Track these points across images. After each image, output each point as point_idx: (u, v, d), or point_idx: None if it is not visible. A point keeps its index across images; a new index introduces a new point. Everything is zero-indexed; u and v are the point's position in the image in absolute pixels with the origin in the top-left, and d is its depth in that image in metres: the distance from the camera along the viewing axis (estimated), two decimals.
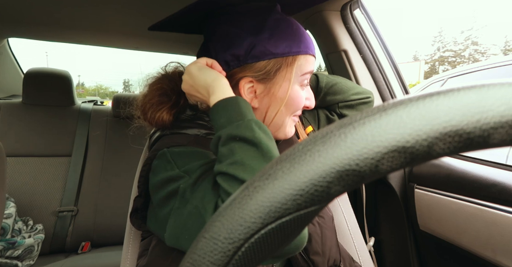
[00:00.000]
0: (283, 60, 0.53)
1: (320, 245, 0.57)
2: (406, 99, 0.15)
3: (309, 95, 0.60)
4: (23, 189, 1.31)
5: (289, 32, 0.54)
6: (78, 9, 1.09)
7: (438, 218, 0.85)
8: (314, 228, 0.58)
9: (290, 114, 0.58)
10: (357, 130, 0.15)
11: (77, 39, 1.54)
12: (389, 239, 1.05)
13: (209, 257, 0.16)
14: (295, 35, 0.54)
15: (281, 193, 0.15)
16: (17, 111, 1.41)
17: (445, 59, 35.66)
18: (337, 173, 0.15)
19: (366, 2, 0.97)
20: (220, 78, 0.49)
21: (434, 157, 0.15)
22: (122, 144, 1.53)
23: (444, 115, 0.14)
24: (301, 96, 0.57)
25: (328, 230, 0.60)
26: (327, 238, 0.59)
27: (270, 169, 0.16)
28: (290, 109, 0.57)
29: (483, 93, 0.14)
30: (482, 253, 0.73)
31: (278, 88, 0.54)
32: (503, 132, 0.14)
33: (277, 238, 0.16)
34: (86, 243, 1.35)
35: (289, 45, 0.53)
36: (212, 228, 0.16)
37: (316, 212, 0.16)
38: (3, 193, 0.76)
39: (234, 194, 0.17)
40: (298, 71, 0.55)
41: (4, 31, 1.44)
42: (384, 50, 1.03)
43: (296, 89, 0.56)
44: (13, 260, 1.09)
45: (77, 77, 61.33)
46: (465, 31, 34.63)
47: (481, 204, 0.73)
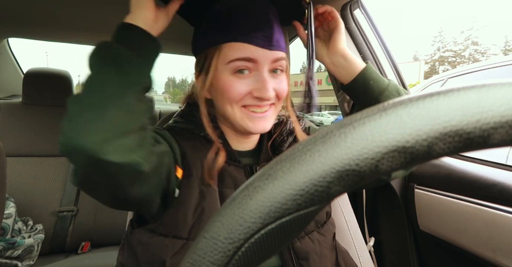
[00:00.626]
0: (209, 51, 0.55)
1: (318, 264, 0.56)
2: (406, 99, 0.15)
3: (259, 85, 0.53)
4: (23, 189, 1.31)
5: (221, 22, 0.54)
6: (78, 9, 1.09)
7: (438, 218, 0.85)
8: (313, 246, 0.57)
9: (234, 105, 0.55)
10: (357, 130, 0.15)
11: (77, 39, 1.54)
12: (389, 239, 1.05)
13: (209, 257, 0.16)
14: (224, 24, 0.54)
15: (281, 193, 0.15)
16: (17, 111, 1.41)
17: (445, 59, 35.67)
18: (337, 173, 0.15)
19: (366, 2, 0.97)
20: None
21: (434, 157, 0.15)
22: None
23: (444, 115, 0.14)
24: (233, 85, 0.53)
25: (328, 249, 0.59)
26: (326, 258, 0.58)
27: (270, 169, 0.16)
28: (228, 99, 0.54)
29: (483, 93, 0.14)
30: (482, 253, 0.73)
31: (213, 79, 0.55)
32: (503, 132, 0.14)
33: (277, 238, 0.16)
34: (86, 243, 1.35)
35: (214, 36, 0.54)
36: (212, 228, 0.16)
37: (316, 212, 0.16)
38: (3, 193, 0.76)
39: (234, 194, 0.17)
40: (223, 59, 0.53)
41: (4, 31, 1.44)
42: (384, 50, 1.02)
43: (226, 79, 0.54)
44: (13, 260, 1.09)
45: (77, 77, 61.48)
46: (465, 31, 34.64)
47: (481, 204, 0.73)
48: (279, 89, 0.56)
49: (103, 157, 0.37)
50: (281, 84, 0.56)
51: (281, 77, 0.57)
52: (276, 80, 0.56)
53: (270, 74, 0.55)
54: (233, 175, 0.58)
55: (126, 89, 0.42)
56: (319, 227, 0.60)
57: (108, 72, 0.42)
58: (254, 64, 0.53)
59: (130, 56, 0.44)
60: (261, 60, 0.53)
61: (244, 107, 0.55)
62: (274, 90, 0.55)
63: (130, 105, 0.41)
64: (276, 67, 0.56)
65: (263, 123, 0.56)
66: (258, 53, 0.52)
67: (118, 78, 0.42)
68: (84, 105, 0.40)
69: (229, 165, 0.59)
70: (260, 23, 0.53)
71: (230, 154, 0.59)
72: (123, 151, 0.39)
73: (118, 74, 0.42)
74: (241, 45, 0.52)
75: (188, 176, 0.54)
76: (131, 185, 0.42)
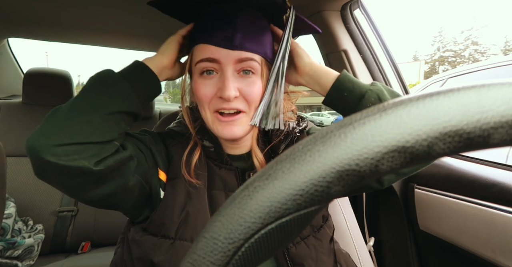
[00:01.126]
0: (189, 55, 0.58)
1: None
2: (406, 99, 0.15)
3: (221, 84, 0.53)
4: (23, 189, 1.31)
5: (195, 27, 0.57)
6: (78, 9, 1.09)
7: (438, 218, 0.85)
8: (309, 251, 0.56)
9: (206, 109, 0.56)
10: (357, 130, 0.15)
11: (77, 39, 1.54)
12: (389, 239, 1.05)
13: (209, 257, 0.16)
14: (195, 29, 0.57)
15: (281, 193, 0.15)
16: (17, 111, 1.41)
17: (445, 59, 35.66)
18: (337, 173, 0.15)
19: (366, 2, 0.97)
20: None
21: (434, 157, 0.15)
22: None
23: (444, 115, 0.14)
24: (200, 87, 0.54)
25: (325, 254, 0.58)
26: (323, 263, 0.57)
27: (270, 169, 0.16)
28: (200, 102, 0.56)
29: (483, 93, 0.14)
30: (482, 252, 0.73)
31: (191, 83, 0.58)
32: (503, 132, 0.14)
33: (277, 238, 0.16)
34: (86, 243, 1.35)
35: (190, 41, 0.58)
36: (212, 228, 0.16)
37: (316, 212, 0.16)
38: (3, 193, 0.76)
39: (234, 194, 0.17)
40: (194, 62, 0.55)
41: (4, 31, 1.44)
42: (384, 50, 1.03)
43: (196, 81, 0.55)
44: (13, 260, 1.09)
45: (77, 77, 61.52)
46: (465, 31, 34.63)
47: (481, 204, 0.73)
48: (247, 92, 0.54)
49: (46, 158, 0.41)
50: (250, 86, 0.54)
51: (251, 79, 0.55)
52: (244, 81, 0.54)
53: (237, 75, 0.54)
54: (223, 177, 0.59)
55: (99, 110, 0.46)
56: (315, 231, 0.59)
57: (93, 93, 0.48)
58: (218, 65, 0.53)
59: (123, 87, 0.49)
60: (223, 60, 0.53)
61: (215, 112, 0.55)
62: (240, 91, 0.53)
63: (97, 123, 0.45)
64: (245, 68, 0.54)
65: (232, 129, 0.55)
66: (220, 53, 0.52)
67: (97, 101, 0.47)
68: (56, 113, 0.46)
69: (220, 168, 0.60)
70: (222, 24, 0.54)
71: (221, 157, 0.60)
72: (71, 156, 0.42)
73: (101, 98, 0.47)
74: (204, 46, 0.54)
75: (174, 178, 0.56)
76: (87, 185, 0.46)
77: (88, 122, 0.45)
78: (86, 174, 0.43)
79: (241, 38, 0.53)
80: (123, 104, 0.49)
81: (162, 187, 0.56)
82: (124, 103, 0.49)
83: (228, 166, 0.60)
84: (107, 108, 0.47)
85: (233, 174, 0.60)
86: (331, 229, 0.64)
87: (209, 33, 0.54)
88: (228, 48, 0.52)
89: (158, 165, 0.56)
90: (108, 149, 0.46)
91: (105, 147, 0.46)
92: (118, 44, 1.68)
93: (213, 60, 0.53)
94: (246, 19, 0.55)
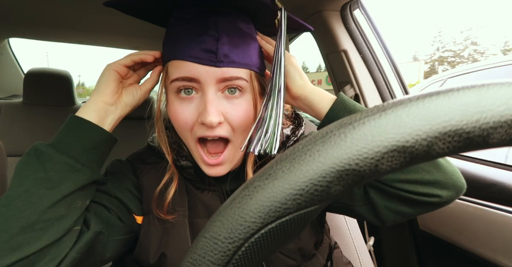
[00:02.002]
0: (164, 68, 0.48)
1: None
2: (405, 99, 0.15)
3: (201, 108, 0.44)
4: None
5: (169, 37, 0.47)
6: (78, 9, 1.09)
7: (437, 218, 0.85)
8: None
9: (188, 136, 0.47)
10: (357, 130, 0.15)
11: (77, 39, 1.54)
12: (389, 239, 1.05)
13: (209, 257, 0.16)
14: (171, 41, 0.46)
15: (281, 193, 0.15)
16: (18, 111, 1.41)
17: (444, 59, 35.66)
18: (337, 172, 0.15)
19: (366, 2, 0.97)
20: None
21: (433, 157, 0.15)
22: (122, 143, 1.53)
23: (443, 115, 0.14)
24: (178, 110, 0.45)
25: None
26: None
27: (270, 169, 0.16)
28: (179, 128, 0.47)
29: (482, 93, 0.14)
30: (482, 252, 0.73)
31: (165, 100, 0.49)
32: (503, 131, 0.14)
33: (277, 238, 0.16)
34: None
35: (164, 53, 0.48)
36: (212, 228, 0.16)
37: (316, 211, 0.16)
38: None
39: (234, 194, 0.17)
40: (169, 79, 0.46)
41: (5, 31, 1.44)
42: (383, 50, 1.03)
43: (172, 102, 0.46)
44: None
45: (77, 77, 61.39)
46: (465, 31, 34.64)
47: (480, 203, 0.73)
48: (232, 117, 0.45)
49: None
50: (236, 109, 0.45)
51: (237, 100, 0.45)
52: (229, 103, 0.45)
53: (221, 95, 0.45)
54: (206, 202, 0.51)
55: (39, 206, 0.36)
56: (306, 261, 0.54)
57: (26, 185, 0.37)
58: (198, 84, 0.44)
59: (58, 162, 0.39)
60: (203, 80, 0.43)
61: (199, 142, 0.47)
62: (225, 116, 0.44)
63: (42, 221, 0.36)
64: (230, 86, 0.45)
65: (217, 169, 0.47)
66: (200, 71, 0.43)
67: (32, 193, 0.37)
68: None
69: (203, 191, 0.52)
70: (200, 32, 0.43)
71: (203, 179, 0.52)
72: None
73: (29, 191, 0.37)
74: (181, 63, 0.44)
75: (147, 213, 0.50)
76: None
77: (32, 224, 0.35)
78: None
79: (227, 50, 0.43)
80: (69, 183, 0.39)
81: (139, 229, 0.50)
82: (68, 182, 0.38)
83: (212, 188, 0.52)
84: (50, 198, 0.37)
85: (218, 197, 0.52)
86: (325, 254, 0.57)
87: (185, 45, 0.43)
88: (211, 65, 0.42)
89: (132, 212, 0.49)
90: (66, 243, 0.38)
91: (62, 243, 0.37)
92: (118, 44, 1.68)
93: (192, 79, 0.43)
94: (229, 24, 0.45)
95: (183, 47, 0.44)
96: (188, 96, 0.45)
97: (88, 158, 0.41)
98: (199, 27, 0.44)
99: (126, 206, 0.49)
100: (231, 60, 0.43)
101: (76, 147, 0.41)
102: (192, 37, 0.43)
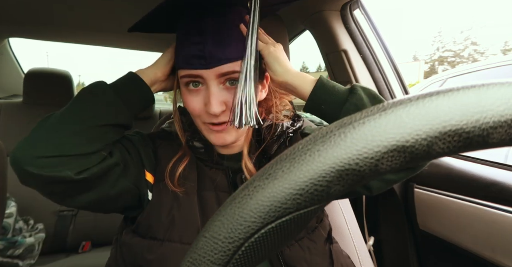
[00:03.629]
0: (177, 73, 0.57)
1: None
2: (405, 99, 0.15)
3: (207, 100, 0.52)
4: (23, 189, 1.30)
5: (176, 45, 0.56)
6: (79, 9, 1.09)
7: (437, 218, 0.85)
8: (303, 253, 0.55)
9: (197, 119, 0.56)
10: (357, 129, 0.15)
11: (77, 39, 1.54)
12: (389, 239, 1.06)
13: (209, 256, 0.16)
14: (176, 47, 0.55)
15: (281, 193, 0.15)
16: (18, 111, 1.41)
17: (444, 59, 35.64)
18: (337, 172, 0.15)
19: (366, 2, 0.97)
20: None
21: (433, 156, 0.15)
22: None
23: (443, 114, 0.14)
24: (188, 100, 0.54)
25: (319, 256, 0.57)
26: (317, 264, 0.56)
27: (270, 169, 0.16)
28: (190, 113, 0.56)
29: (482, 93, 0.14)
30: (481, 252, 0.73)
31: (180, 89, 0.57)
32: (502, 131, 0.14)
33: (277, 238, 0.16)
34: (87, 243, 1.35)
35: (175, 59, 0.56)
36: (212, 228, 0.16)
37: (316, 211, 0.16)
38: (4, 193, 0.76)
39: (234, 193, 0.17)
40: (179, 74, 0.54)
41: (5, 31, 1.44)
42: (383, 50, 1.03)
43: (183, 91, 0.55)
44: (14, 259, 1.09)
45: (77, 77, 61.52)
46: (465, 31, 34.63)
47: (480, 203, 0.73)
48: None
49: (30, 170, 0.42)
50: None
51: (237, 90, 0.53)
52: (230, 93, 0.52)
53: (222, 87, 0.52)
54: (213, 178, 0.58)
55: (86, 123, 0.47)
56: (309, 233, 0.58)
57: (82, 105, 0.49)
58: (202, 79, 0.52)
59: (111, 99, 0.50)
60: (205, 76, 0.51)
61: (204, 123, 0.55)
62: (226, 104, 0.52)
63: (84, 135, 0.46)
64: (230, 79, 0.52)
65: (223, 136, 0.54)
66: (200, 72, 0.51)
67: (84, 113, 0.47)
68: (46, 123, 0.47)
69: (210, 169, 0.59)
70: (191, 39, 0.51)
71: (211, 158, 0.59)
72: (56, 167, 0.43)
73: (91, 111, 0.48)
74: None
75: (161, 181, 0.56)
76: (71, 192, 0.46)
77: (75, 134, 0.45)
78: (69, 183, 0.44)
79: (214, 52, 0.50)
80: (110, 116, 0.49)
81: (149, 188, 0.55)
82: (112, 115, 0.49)
83: (219, 166, 0.59)
84: (94, 121, 0.47)
85: (224, 174, 0.59)
86: (326, 230, 0.62)
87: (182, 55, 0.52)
88: (204, 68, 0.50)
89: (144, 167, 0.56)
90: (93, 159, 0.46)
91: (90, 158, 0.46)
92: (118, 44, 1.68)
93: (196, 76, 0.52)
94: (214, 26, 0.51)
95: (180, 56, 0.53)
96: (195, 88, 0.53)
97: (131, 106, 0.52)
98: (189, 37, 0.52)
99: (142, 160, 0.56)
100: (219, 58, 0.50)
101: (127, 93, 0.52)
102: (184, 47, 0.52)
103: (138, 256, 0.51)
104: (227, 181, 0.58)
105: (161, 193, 0.55)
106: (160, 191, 0.55)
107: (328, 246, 0.60)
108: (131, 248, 0.53)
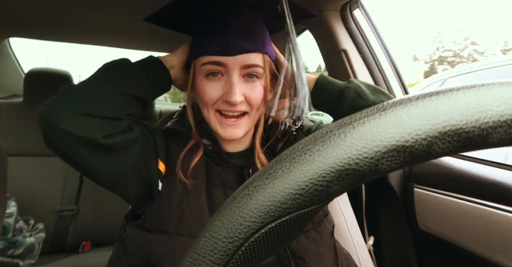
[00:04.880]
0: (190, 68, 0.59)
1: (315, 264, 0.55)
2: (405, 99, 0.15)
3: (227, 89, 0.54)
4: (24, 189, 1.31)
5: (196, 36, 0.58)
6: (79, 9, 1.09)
7: (437, 218, 0.85)
8: (310, 244, 0.56)
9: (209, 108, 0.57)
10: (357, 129, 0.15)
11: (77, 39, 1.54)
12: (389, 238, 1.06)
13: (209, 256, 0.16)
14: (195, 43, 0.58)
15: (281, 193, 0.15)
16: (18, 111, 1.41)
17: (444, 59, 35.62)
18: (336, 172, 0.15)
19: (366, 2, 0.97)
20: None
21: (433, 156, 0.15)
22: None
23: (443, 114, 0.14)
24: (206, 88, 0.55)
25: (325, 247, 0.58)
26: (323, 256, 0.57)
27: (270, 169, 0.16)
28: (204, 102, 0.57)
29: (482, 93, 0.14)
30: (481, 252, 0.73)
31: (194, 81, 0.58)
32: (502, 131, 0.14)
33: (277, 238, 0.16)
34: (87, 243, 1.35)
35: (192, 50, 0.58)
36: (213, 228, 0.16)
37: (316, 211, 0.16)
38: (4, 192, 0.76)
39: (234, 193, 0.17)
40: (199, 62, 0.56)
41: (5, 31, 1.44)
42: (383, 50, 1.03)
43: (201, 81, 0.56)
44: (14, 259, 1.09)
45: (77, 77, 61.46)
46: (464, 31, 34.60)
47: (480, 203, 0.73)
48: (250, 96, 0.55)
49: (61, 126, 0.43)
50: (253, 90, 0.56)
51: (255, 83, 0.56)
52: (248, 86, 0.56)
53: (242, 79, 0.55)
54: (221, 175, 0.60)
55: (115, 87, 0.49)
56: (315, 225, 0.60)
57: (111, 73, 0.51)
58: (224, 68, 0.54)
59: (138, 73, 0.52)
60: (230, 64, 0.53)
61: (218, 112, 0.57)
62: (245, 96, 0.55)
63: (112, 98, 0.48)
64: (250, 73, 0.55)
65: (233, 131, 0.57)
66: (225, 59, 0.53)
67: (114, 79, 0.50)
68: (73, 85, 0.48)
69: (218, 166, 0.61)
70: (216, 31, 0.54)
71: (219, 155, 0.61)
72: (86, 127, 0.44)
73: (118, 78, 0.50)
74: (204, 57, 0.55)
75: (172, 173, 0.57)
76: (92, 157, 0.47)
77: (106, 94, 0.48)
78: (94, 146, 0.45)
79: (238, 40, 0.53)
80: (136, 87, 0.51)
81: (160, 178, 0.56)
82: (137, 87, 0.51)
83: (226, 164, 0.61)
84: (122, 88, 0.49)
85: (231, 171, 0.60)
86: (331, 224, 0.64)
87: (206, 42, 0.54)
88: (228, 55, 0.53)
89: (158, 155, 0.57)
90: (117, 126, 0.48)
91: (115, 124, 0.48)
92: (118, 44, 1.68)
93: (220, 63, 0.54)
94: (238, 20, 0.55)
95: (202, 45, 0.55)
96: (214, 77, 0.55)
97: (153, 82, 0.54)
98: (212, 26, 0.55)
99: (157, 148, 0.57)
100: (243, 47, 0.53)
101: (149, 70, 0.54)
102: (208, 36, 0.55)
103: (145, 249, 0.51)
104: (234, 178, 0.60)
105: (171, 186, 0.56)
106: (171, 184, 0.56)
107: (333, 239, 0.62)
108: (136, 242, 0.53)
